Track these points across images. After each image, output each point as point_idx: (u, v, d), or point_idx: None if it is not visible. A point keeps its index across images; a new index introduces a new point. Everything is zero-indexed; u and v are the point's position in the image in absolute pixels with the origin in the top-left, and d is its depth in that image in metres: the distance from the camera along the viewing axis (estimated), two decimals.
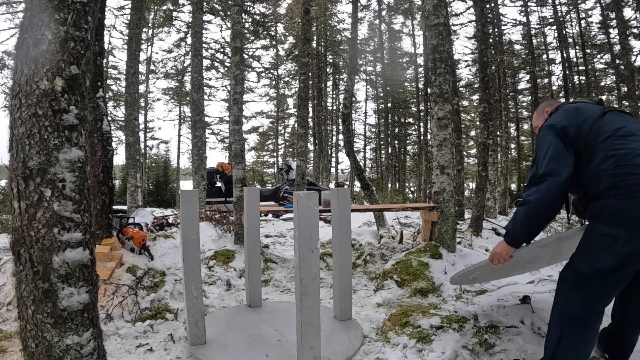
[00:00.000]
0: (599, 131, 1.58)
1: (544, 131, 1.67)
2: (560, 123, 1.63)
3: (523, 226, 1.63)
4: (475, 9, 7.93)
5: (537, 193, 1.56)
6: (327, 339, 2.11)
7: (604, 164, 1.52)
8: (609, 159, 1.52)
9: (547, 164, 1.57)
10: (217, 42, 22.50)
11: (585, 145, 1.58)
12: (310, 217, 1.69)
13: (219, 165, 10.01)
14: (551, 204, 1.58)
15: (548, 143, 1.61)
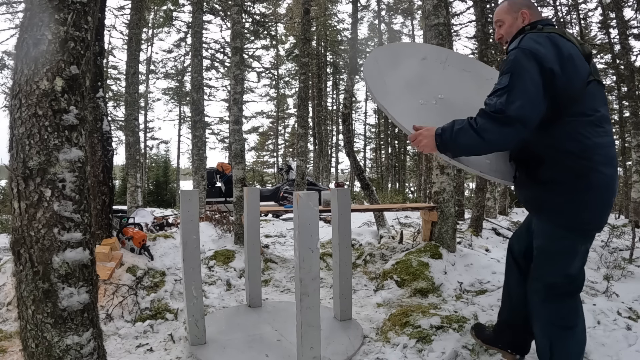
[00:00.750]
0: (579, 99, 1.37)
1: (528, 58, 1.34)
2: (551, 63, 1.33)
3: (462, 149, 1.42)
4: (475, 9, 7.94)
5: (496, 135, 1.34)
6: (327, 339, 2.11)
7: (571, 144, 1.37)
8: (576, 142, 1.37)
9: (521, 106, 1.31)
10: (217, 42, 22.53)
11: (559, 105, 1.36)
12: (310, 217, 1.69)
13: (219, 165, 10.02)
14: (503, 150, 1.45)
15: (529, 78, 1.33)
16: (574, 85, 1.36)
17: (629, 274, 2.91)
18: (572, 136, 1.37)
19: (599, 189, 1.39)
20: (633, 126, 8.20)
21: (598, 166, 1.38)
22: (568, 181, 1.39)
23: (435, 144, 1.42)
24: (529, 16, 1.54)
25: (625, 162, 13.33)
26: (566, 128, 1.38)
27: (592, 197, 1.39)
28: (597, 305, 2.25)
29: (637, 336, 1.96)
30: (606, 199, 1.42)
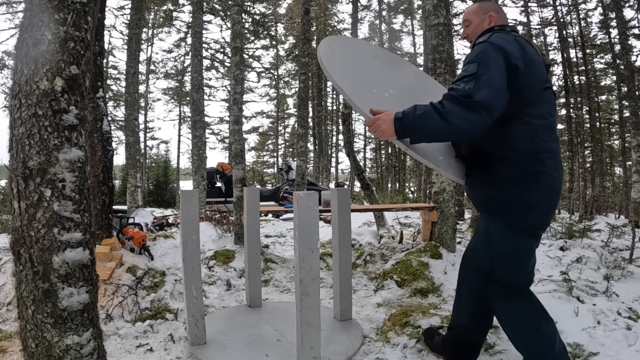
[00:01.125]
0: (537, 102, 1.42)
1: (496, 51, 1.37)
2: (516, 60, 1.36)
3: (425, 135, 1.37)
4: None
5: (462, 121, 1.31)
6: (327, 339, 2.11)
7: (527, 144, 1.40)
8: (532, 143, 1.40)
9: (489, 94, 1.30)
10: (217, 42, 22.53)
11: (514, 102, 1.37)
12: (310, 217, 1.69)
13: (219, 165, 10.02)
14: (466, 137, 1.44)
15: (496, 69, 1.34)
16: (533, 87, 1.41)
17: (629, 274, 2.90)
18: (529, 137, 1.41)
19: (549, 191, 1.44)
20: (633, 126, 8.20)
21: (549, 169, 1.43)
22: (520, 181, 1.41)
23: (394, 129, 1.36)
24: (495, 19, 1.60)
25: (625, 162, 13.33)
26: (524, 128, 1.41)
27: (542, 198, 1.44)
28: (597, 305, 2.25)
29: (637, 336, 1.96)
30: (554, 201, 1.49)
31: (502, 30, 1.52)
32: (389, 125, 1.37)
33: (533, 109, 1.42)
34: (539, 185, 1.42)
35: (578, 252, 3.41)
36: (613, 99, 15.57)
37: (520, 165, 1.41)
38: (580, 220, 5.09)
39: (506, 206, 1.45)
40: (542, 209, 1.47)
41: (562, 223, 4.72)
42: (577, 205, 12.06)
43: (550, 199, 1.47)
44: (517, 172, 1.41)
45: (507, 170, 1.42)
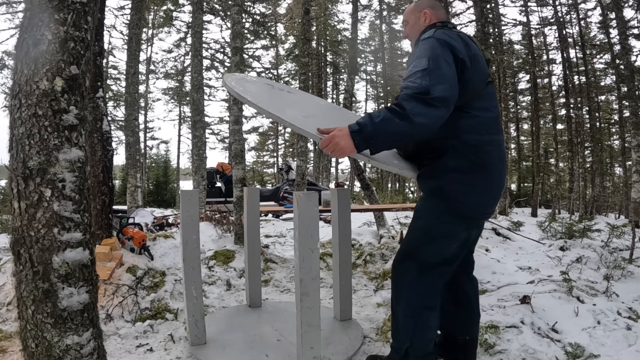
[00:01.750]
0: (482, 96, 1.45)
1: (443, 46, 1.37)
2: (462, 55, 1.38)
3: (388, 141, 1.33)
4: (475, 9, 7.94)
5: (425, 118, 1.28)
6: (327, 339, 2.11)
7: (469, 134, 1.43)
8: (479, 135, 1.44)
9: (446, 89, 1.30)
10: (217, 42, 22.50)
11: (461, 96, 1.38)
12: (310, 217, 1.69)
13: (219, 165, 10.02)
14: (427, 135, 1.39)
15: (446, 63, 1.34)
16: (478, 81, 1.45)
17: (629, 274, 2.90)
18: (476, 129, 1.45)
19: (493, 182, 1.51)
20: (633, 126, 8.20)
21: (495, 161, 1.49)
22: (467, 171, 1.45)
23: (353, 143, 1.29)
24: (430, 15, 1.62)
25: (625, 162, 13.33)
26: (471, 121, 1.45)
27: (486, 188, 1.50)
28: (597, 305, 2.25)
29: (637, 336, 1.96)
30: (498, 190, 1.54)
31: (444, 27, 1.53)
32: (346, 141, 1.30)
33: (479, 102, 1.46)
34: (484, 175, 1.47)
35: (578, 252, 3.40)
36: (613, 99, 15.57)
37: (467, 156, 1.45)
38: (580, 220, 5.09)
39: (452, 194, 1.48)
40: (484, 199, 1.52)
41: (562, 223, 4.72)
42: (577, 205, 12.06)
43: (492, 190, 1.52)
44: (464, 163, 1.45)
45: (454, 161, 1.45)
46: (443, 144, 1.46)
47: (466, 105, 1.43)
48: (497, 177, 1.51)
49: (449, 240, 1.52)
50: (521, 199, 14.89)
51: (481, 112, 1.46)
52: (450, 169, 1.46)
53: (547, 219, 5.31)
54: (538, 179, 13.01)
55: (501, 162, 1.52)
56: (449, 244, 1.53)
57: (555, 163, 17.83)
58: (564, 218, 6.31)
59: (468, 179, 1.46)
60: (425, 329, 1.55)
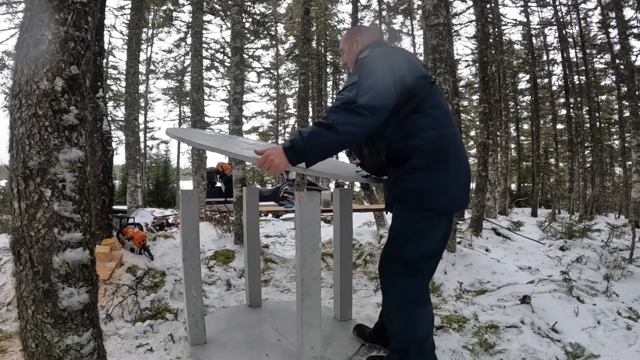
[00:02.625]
0: (429, 95, 1.54)
1: (377, 60, 1.51)
2: (398, 67, 1.49)
3: (319, 152, 1.42)
4: (475, 9, 7.94)
5: (350, 127, 1.37)
6: (327, 339, 2.11)
7: (432, 133, 1.50)
8: (436, 131, 1.51)
9: (371, 98, 1.38)
10: (217, 42, 22.51)
11: (410, 100, 1.49)
12: (312, 217, 1.69)
13: (219, 165, 10.03)
14: (356, 142, 1.55)
15: (378, 75, 1.44)
16: (421, 84, 1.53)
17: (629, 274, 2.90)
18: (431, 125, 1.53)
19: (457, 172, 1.58)
20: (633, 126, 8.20)
21: (455, 151, 1.57)
22: (431, 167, 1.52)
23: (287, 158, 1.40)
24: (361, 40, 1.75)
25: (625, 162, 13.34)
26: (425, 119, 1.52)
27: (452, 178, 1.56)
28: (597, 305, 2.25)
29: (637, 336, 1.96)
30: (464, 182, 1.61)
31: (379, 46, 1.68)
32: (280, 157, 1.40)
33: (428, 102, 1.54)
34: (447, 167, 1.54)
35: (578, 252, 3.41)
36: (613, 99, 15.56)
37: (428, 153, 1.52)
38: (580, 220, 5.09)
39: (422, 191, 1.54)
40: (453, 190, 1.58)
41: (562, 223, 4.72)
42: (577, 205, 12.06)
43: (459, 180, 1.59)
44: (426, 160, 1.52)
45: (417, 160, 1.52)
46: (405, 146, 1.54)
47: (418, 106, 1.52)
48: (460, 166, 1.59)
49: (428, 236, 1.58)
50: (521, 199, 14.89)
51: (433, 110, 1.55)
52: (415, 169, 1.53)
53: (547, 219, 5.31)
54: (538, 179, 13.01)
55: (459, 151, 1.60)
56: (428, 240, 1.59)
57: (555, 163, 17.84)
58: (564, 218, 6.32)
59: (433, 175, 1.52)
60: (417, 324, 1.61)
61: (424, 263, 1.62)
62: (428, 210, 1.56)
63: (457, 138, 1.61)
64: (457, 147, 1.59)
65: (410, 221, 1.59)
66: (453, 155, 1.56)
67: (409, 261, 1.59)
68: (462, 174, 1.60)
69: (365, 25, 1.88)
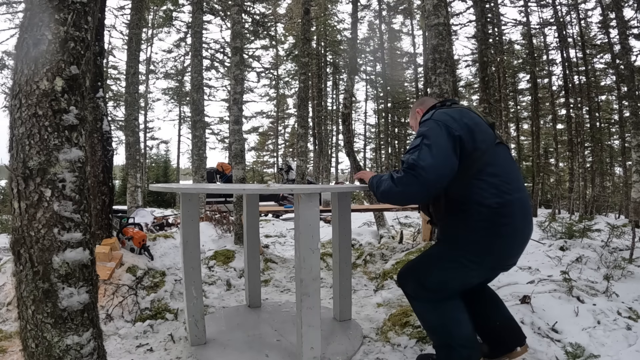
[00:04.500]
0: (491, 160, 1.57)
1: (438, 125, 1.55)
2: (459, 131, 1.54)
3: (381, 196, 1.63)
4: (475, 9, 7.94)
5: (408, 187, 1.51)
6: (327, 339, 2.11)
7: (488, 199, 1.53)
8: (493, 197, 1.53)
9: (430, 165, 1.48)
10: (217, 42, 22.52)
11: (471, 165, 1.55)
12: (311, 217, 1.69)
13: (219, 165, 10.03)
14: (412, 200, 1.61)
15: (438, 141, 1.51)
16: (484, 147, 1.57)
17: (629, 274, 2.90)
18: (493, 193, 1.54)
19: (516, 238, 1.59)
20: (633, 126, 8.20)
21: (517, 220, 1.56)
22: (484, 230, 1.55)
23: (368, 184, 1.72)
24: (422, 110, 1.84)
25: (625, 162, 13.34)
26: (488, 186, 1.54)
27: (508, 243, 1.58)
28: (597, 305, 2.25)
29: (637, 336, 1.96)
30: (519, 245, 1.62)
31: (443, 106, 1.72)
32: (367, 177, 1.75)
33: (490, 167, 1.56)
34: (505, 233, 1.55)
35: (578, 252, 3.40)
36: (613, 99, 15.56)
37: (486, 217, 1.54)
38: (580, 220, 5.08)
39: (473, 243, 1.58)
40: (505, 253, 1.61)
41: (562, 223, 4.72)
42: (577, 205, 12.06)
43: (513, 246, 1.61)
44: (482, 223, 1.54)
45: (478, 223, 1.55)
46: (466, 209, 1.57)
47: (480, 172, 1.55)
48: (519, 234, 1.59)
49: (455, 275, 1.61)
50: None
51: (495, 178, 1.55)
52: (473, 227, 1.56)
53: (547, 219, 5.31)
54: (538, 179, 13.01)
55: (524, 219, 1.59)
56: (454, 279, 1.62)
57: (555, 163, 17.84)
58: (564, 218, 6.31)
59: (484, 236, 1.55)
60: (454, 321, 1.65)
61: (437, 293, 1.65)
62: (466, 256, 1.59)
63: (519, 204, 1.58)
64: (522, 214, 1.58)
65: (447, 254, 1.64)
66: (514, 223, 1.56)
67: (423, 285, 1.66)
68: (519, 241, 1.61)
69: (426, 96, 2.03)
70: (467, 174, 1.54)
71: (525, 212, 1.60)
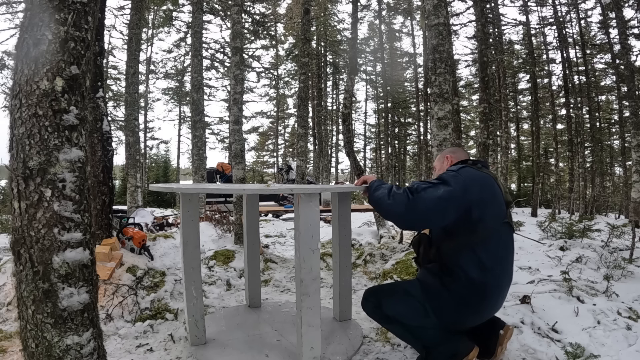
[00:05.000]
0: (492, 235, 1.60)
1: (457, 181, 1.57)
2: (473, 195, 1.56)
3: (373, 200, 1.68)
4: (475, 9, 7.94)
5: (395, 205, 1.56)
6: (327, 339, 2.11)
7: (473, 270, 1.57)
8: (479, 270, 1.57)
9: (426, 200, 1.52)
10: (217, 42, 22.52)
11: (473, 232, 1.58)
12: (311, 217, 1.69)
13: (219, 165, 10.03)
14: (392, 218, 1.64)
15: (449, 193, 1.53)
16: (491, 223, 1.59)
17: (629, 274, 2.90)
18: (481, 267, 1.57)
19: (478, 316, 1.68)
20: (633, 126, 8.20)
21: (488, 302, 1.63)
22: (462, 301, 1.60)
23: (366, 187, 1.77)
24: (451, 158, 1.87)
25: (625, 162, 13.34)
26: (479, 260, 1.58)
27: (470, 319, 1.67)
28: (597, 305, 2.25)
29: (637, 336, 1.96)
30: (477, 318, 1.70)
31: (474, 165, 1.74)
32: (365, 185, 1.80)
33: (488, 245, 1.59)
34: (475, 307, 1.62)
35: (578, 252, 3.40)
36: (613, 99, 15.56)
37: (463, 284, 1.58)
38: (580, 220, 5.08)
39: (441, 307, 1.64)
40: (468, 321, 1.70)
41: (562, 223, 4.72)
42: (577, 205, 12.07)
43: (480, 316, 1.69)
44: (457, 287, 1.60)
45: (455, 286, 1.60)
46: (454, 270, 1.61)
47: (477, 244, 1.57)
48: (482, 313, 1.68)
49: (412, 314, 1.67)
50: (521, 199, 14.89)
51: (489, 255, 1.58)
52: (447, 289, 1.62)
53: (547, 219, 5.31)
54: (538, 179, 13.00)
55: (493, 304, 1.67)
56: (409, 316, 1.67)
57: (555, 163, 17.83)
58: (564, 218, 6.31)
59: (455, 308, 1.61)
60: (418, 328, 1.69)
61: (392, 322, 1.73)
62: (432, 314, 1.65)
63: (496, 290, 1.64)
64: (487, 296, 1.62)
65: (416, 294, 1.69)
66: (481, 301, 1.61)
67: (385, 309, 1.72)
68: (478, 315, 1.68)
69: (459, 147, 2.06)
70: (465, 241, 1.58)
71: (496, 299, 1.66)
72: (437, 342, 1.67)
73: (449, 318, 1.65)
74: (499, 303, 1.70)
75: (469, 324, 1.72)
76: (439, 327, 1.67)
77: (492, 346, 1.77)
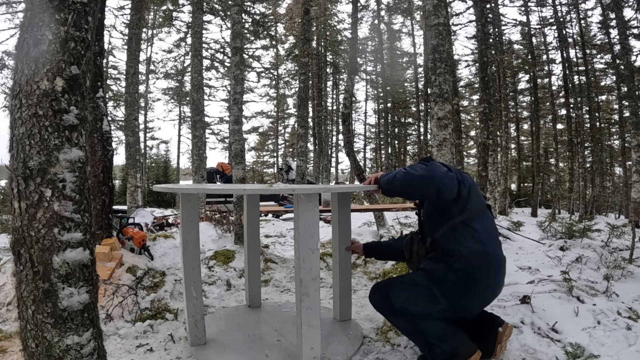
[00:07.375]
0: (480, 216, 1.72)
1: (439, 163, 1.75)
2: (459, 177, 1.73)
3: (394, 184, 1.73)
4: (475, 9, 7.94)
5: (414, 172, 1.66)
6: (327, 339, 2.11)
7: (472, 243, 1.66)
8: (477, 242, 1.66)
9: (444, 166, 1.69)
10: (217, 42, 22.51)
11: (463, 211, 1.69)
12: (310, 217, 1.69)
13: (219, 165, 10.03)
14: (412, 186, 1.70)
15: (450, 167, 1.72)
16: (476, 204, 1.73)
17: (629, 274, 2.90)
18: (478, 240, 1.67)
19: (488, 292, 1.72)
20: (633, 126, 8.20)
21: (492, 277, 1.70)
22: (466, 280, 1.64)
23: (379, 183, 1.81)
24: None
25: (625, 162, 13.34)
26: (475, 233, 1.68)
27: (479, 295, 1.70)
28: (597, 305, 2.25)
29: (637, 336, 1.96)
30: (492, 295, 1.75)
31: None
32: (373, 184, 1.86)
33: (478, 222, 1.71)
34: (479, 287, 1.67)
35: (578, 252, 3.40)
36: (613, 99, 15.56)
37: (471, 263, 1.64)
38: (580, 220, 5.08)
39: (447, 290, 1.68)
40: (474, 304, 1.73)
41: (562, 223, 4.72)
42: (577, 205, 12.07)
43: (486, 298, 1.75)
44: (465, 272, 1.64)
45: (458, 265, 1.65)
46: (454, 250, 1.67)
47: (470, 219, 1.70)
48: (491, 284, 1.72)
49: (420, 302, 1.70)
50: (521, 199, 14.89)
51: (482, 229, 1.70)
52: (452, 270, 1.66)
53: (547, 219, 5.31)
54: (538, 179, 13.01)
55: (497, 272, 1.73)
56: (418, 305, 1.71)
57: (555, 163, 17.84)
58: (564, 218, 6.32)
59: (464, 287, 1.65)
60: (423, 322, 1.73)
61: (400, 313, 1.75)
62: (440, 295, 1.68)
63: (495, 259, 1.71)
64: (491, 265, 1.69)
65: (422, 283, 1.73)
66: (485, 271, 1.67)
67: (392, 302, 1.75)
68: (490, 288, 1.72)
69: None
70: (457, 220, 1.69)
71: (498, 267, 1.73)
72: (440, 338, 1.69)
73: (457, 299, 1.68)
74: (500, 279, 1.75)
75: (477, 306, 1.75)
76: (446, 316, 1.70)
77: (491, 345, 1.77)
